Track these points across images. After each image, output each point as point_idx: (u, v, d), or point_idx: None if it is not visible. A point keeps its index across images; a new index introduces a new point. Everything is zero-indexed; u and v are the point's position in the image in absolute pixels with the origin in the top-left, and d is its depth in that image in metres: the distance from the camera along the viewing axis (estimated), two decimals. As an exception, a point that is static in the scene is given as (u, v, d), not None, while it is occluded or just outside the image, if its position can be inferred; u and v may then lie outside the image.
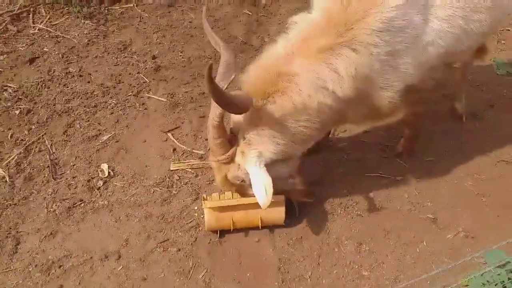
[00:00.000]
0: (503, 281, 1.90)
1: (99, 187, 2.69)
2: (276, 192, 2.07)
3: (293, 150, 2.10)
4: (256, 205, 2.06)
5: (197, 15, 4.07)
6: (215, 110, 1.99)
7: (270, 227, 2.44)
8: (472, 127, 2.98)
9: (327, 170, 2.75)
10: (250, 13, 4.11)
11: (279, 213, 2.35)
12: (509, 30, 3.79)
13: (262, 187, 1.96)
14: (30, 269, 2.30)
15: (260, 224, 2.38)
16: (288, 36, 2.00)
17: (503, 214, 2.46)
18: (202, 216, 2.46)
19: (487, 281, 1.93)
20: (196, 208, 2.57)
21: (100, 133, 3.01)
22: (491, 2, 2.07)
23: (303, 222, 2.46)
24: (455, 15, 1.99)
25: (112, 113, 3.15)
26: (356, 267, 2.29)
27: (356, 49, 1.86)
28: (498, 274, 1.93)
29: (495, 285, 1.91)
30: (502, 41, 3.69)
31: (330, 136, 2.85)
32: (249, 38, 3.85)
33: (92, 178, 2.73)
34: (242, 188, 2.23)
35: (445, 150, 2.82)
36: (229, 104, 1.83)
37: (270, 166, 2.04)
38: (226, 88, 1.92)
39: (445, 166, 2.73)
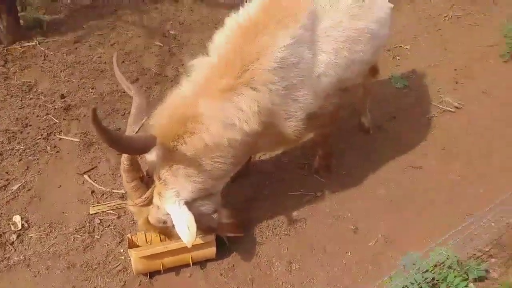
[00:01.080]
0: (419, 283, 2.06)
1: (13, 242, 2.48)
2: (202, 229, 2.05)
3: (211, 186, 2.12)
4: (185, 248, 2.03)
5: (105, 49, 3.98)
6: (124, 154, 1.96)
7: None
8: (379, 138, 3.23)
9: (252, 194, 2.80)
10: (161, 45, 4.10)
11: (209, 251, 2.35)
12: (401, 46, 4.20)
13: (184, 226, 1.95)
14: None
15: (191, 263, 2.35)
16: (191, 79, 2.04)
17: (415, 217, 2.68)
18: (129, 259, 2.36)
19: (405, 285, 2.07)
20: (122, 251, 2.47)
21: (9, 183, 2.79)
22: (372, 34, 2.29)
23: (233, 249, 2.47)
24: (339, 48, 2.18)
25: (20, 160, 2.94)
26: (289, 286, 2.34)
27: (255, 88, 1.96)
28: (414, 275, 2.09)
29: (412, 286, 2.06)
30: (397, 57, 4.08)
31: (251, 160, 2.92)
32: (163, 69, 3.84)
33: (4, 233, 2.52)
34: (166, 229, 2.19)
35: (357, 163, 3.02)
36: (123, 144, 1.80)
37: (191, 204, 2.03)
38: (137, 131, 1.89)
39: (359, 177, 2.92)
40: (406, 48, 4.19)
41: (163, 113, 2.01)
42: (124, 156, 1.94)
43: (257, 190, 2.82)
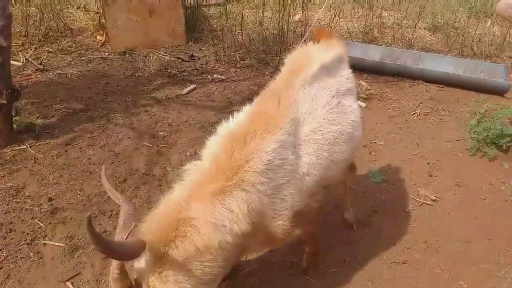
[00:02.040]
0: None
1: None
2: None
3: None
4: None
5: (95, 151, 4.11)
6: (113, 262, 1.97)
7: None
8: (363, 233, 3.30)
9: (240, 297, 2.75)
10: (150, 145, 4.27)
11: None
12: (376, 142, 4.48)
13: None
14: None
15: None
16: (183, 183, 2.15)
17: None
18: None
19: None
20: None
21: (-15, 295, 2.68)
22: (347, 136, 2.52)
23: None
24: (320, 149, 2.39)
25: (1, 268, 2.86)
26: None
27: (245, 189, 2.07)
28: None
29: None
30: (373, 153, 4.32)
31: (238, 261, 2.91)
32: (151, 169, 3.95)
33: None
34: None
35: (345, 259, 3.05)
36: (115, 250, 1.82)
37: None
38: (126, 238, 1.93)
39: (347, 275, 2.92)
40: (381, 144, 4.46)
41: (155, 218, 2.06)
42: (114, 265, 1.94)
43: (245, 292, 2.78)
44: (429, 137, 4.66)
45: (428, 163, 4.19)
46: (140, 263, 2.08)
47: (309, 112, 2.44)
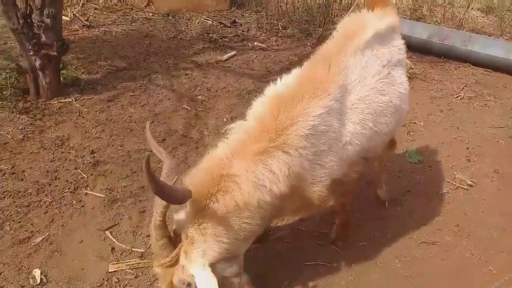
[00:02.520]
0: None
1: (31, 296, 2.52)
2: None
3: (236, 247, 2.18)
4: None
5: (136, 109, 4.23)
6: (157, 209, 2.06)
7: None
8: (395, 211, 3.29)
9: (268, 261, 2.83)
10: (189, 108, 4.35)
11: None
12: (415, 123, 4.38)
13: None
14: None
15: None
16: (227, 141, 2.20)
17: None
18: (144, 319, 2.38)
19: None
20: (137, 311, 2.49)
21: (32, 235, 2.87)
22: (394, 108, 2.48)
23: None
24: (365, 119, 2.37)
25: (46, 213, 3.05)
26: None
27: (287, 152, 2.10)
28: None
29: None
30: (411, 133, 4.24)
31: (269, 225, 2.98)
32: (189, 131, 4.04)
33: (22, 286, 2.55)
34: None
35: (374, 235, 3.07)
36: (166, 192, 1.88)
37: (215, 266, 2.08)
38: None
39: (375, 250, 2.95)
40: (420, 125, 4.36)
41: (198, 173, 2.13)
42: (157, 213, 2.03)
43: (273, 257, 2.86)
44: (471, 122, 4.51)
45: (467, 148, 4.08)
46: (180, 214, 2.17)
47: (358, 80, 2.41)
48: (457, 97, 4.96)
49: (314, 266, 2.81)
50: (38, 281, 2.59)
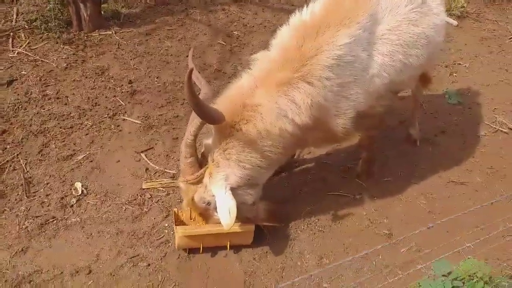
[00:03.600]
0: (447, 288, 2.07)
1: (72, 205, 2.76)
2: (240, 218, 2.20)
3: (258, 175, 2.25)
4: (226, 233, 2.18)
5: (173, 43, 4.29)
6: (189, 129, 2.16)
7: (238, 243, 2.57)
8: (426, 151, 3.23)
9: (292, 189, 2.91)
10: (224, 43, 4.35)
11: (246, 238, 2.50)
12: (460, 64, 4.15)
13: (226, 210, 2.10)
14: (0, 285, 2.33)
15: (228, 246, 2.51)
16: (251, 72, 2.21)
17: (451, 230, 2.66)
18: (172, 232, 2.57)
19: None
20: (166, 225, 2.67)
21: (75, 153, 3.10)
22: (427, 40, 2.35)
23: (268, 237, 2.60)
24: (395, 51, 2.26)
25: (87, 134, 3.26)
26: (317, 279, 2.42)
27: (311, 82, 2.08)
28: (443, 282, 2.10)
29: (440, 291, 2.08)
30: (454, 74, 4.03)
31: (295, 157, 3.04)
32: (223, 66, 4.07)
33: (66, 196, 2.81)
34: (207, 212, 2.35)
35: (400, 172, 3.05)
36: (202, 109, 1.96)
37: (235, 191, 2.18)
38: None
39: (400, 186, 2.95)
40: (465, 66, 4.13)
41: (223, 101, 2.19)
42: (190, 131, 2.14)
43: (297, 186, 2.93)
44: (523, 65, 4.21)
45: (514, 92, 3.85)
46: (209, 140, 2.29)
47: (389, 9, 2.30)
48: (510, 38, 4.61)
49: (336, 197, 2.87)
50: (80, 192, 2.83)
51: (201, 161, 2.31)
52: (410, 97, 3.29)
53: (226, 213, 2.11)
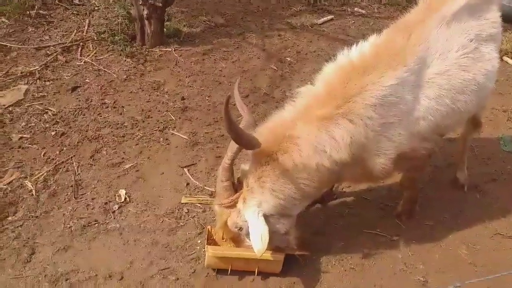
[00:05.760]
0: None
1: (114, 211, 2.90)
2: (270, 247, 2.21)
3: (291, 206, 2.26)
4: (256, 260, 2.20)
5: (227, 65, 4.43)
6: (228, 153, 2.23)
7: (266, 269, 2.57)
8: (473, 198, 3.08)
9: (327, 222, 2.88)
10: (276, 68, 4.44)
11: (276, 267, 2.50)
12: (520, 109, 3.94)
13: (258, 235, 2.12)
14: (39, 278, 2.47)
15: (256, 272, 2.52)
16: (294, 104, 2.25)
17: (492, 286, 2.50)
18: (204, 250, 2.61)
19: None
20: (199, 241, 2.73)
21: (123, 161, 3.27)
22: (477, 87, 2.28)
23: (297, 269, 2.57)
24: (442, 95, 2.22)
25: (137, 144, 3.43)
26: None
27: (352, 120, 2.09)
28: None
29: None
30: (512, 119, 3.84)
31: (334, 189, 3.01)
32: (272, 90, 4.15)
33: (109, 201, 2.95)
34: (239, 237, 2.38)
35: (444, 217, 2.92)
36: (237, 134, 2.02)
37: (268, 218, 2.20)
38: None
39: (442, 232, 2.82)
40: (525, 112, 3.92)
41: (264, 130, 2.24)
42: (228, 156, 2.21)
43: (333, 219, 2.90)
44: None
45: None
46: (246, 166, 2.34)
47: (439, 53, 2.27)
48: None
49: (373, 235, 2.80)
50: (123, 199, 2.97)
51: (237, 186, 2.36)
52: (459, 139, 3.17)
53: (258, 239, 2.14)
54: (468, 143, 3.10)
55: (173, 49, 4.56)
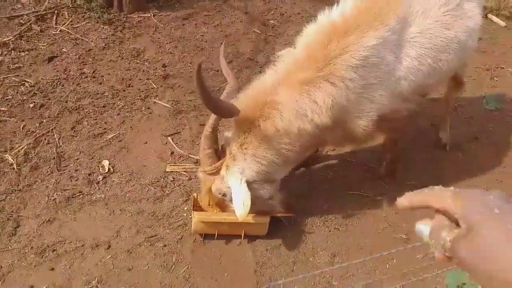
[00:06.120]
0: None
1: (99, 181, 2.88)
2: (254, 211, 2.24)
3: (274, 171, 2.27)
4: (241, 223, 2.23)
5: (209, 29, 4.32)
6: (209, 121, 2.21)
7: (252, 233, 2.60)
8: (455, 157, 3.12)
9: (312, 184, 2.91)
10: (259, 32, 4.34)
11: (261, 230, 2.53)
12: (503, 68, 3.94)
13: (240, 202, 2.14)
14: (26, 251, 2.48)
15: (242, 235, 2.56)
16: (274, 68, 2.20)
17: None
18: (190, 216, 2.63)
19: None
20: (185, 208, 2.74)
21: (105, 132, 3.22)
22: (459, 45, 2.25)
23: (283, 230, 2.62)
24: (424, 54, 2.19)
25: (118, 114, 3.37)
26: (328, 276, 2.43)
27: (333, 83, 2.06)
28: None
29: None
30: (495, 78, 3.84)
31: (318, 153, 3.02)
32: (255, 55, 4.07)
33: (93, 172, 2.93)
34: (223, 203, 2.40)
35: (426, 177, 2.96)
36: (212, 103, 1.99)
37: (251, 184, 2.21)
38: None
39: (424, 190, 2.87)
40: (508, 71, 3.92)
41: (245, 97, 2.21)
42: (209, 124, 2.19)
43: (317, 182, 2.92)
44: None
45: (561, 101, 3.63)
46: (229, 133, 2.32)
47: (421, 12, 2.22)
48: None
49: (357, 196, 2.84)
50: (106, 169, 2.95)
51: (221, 153, 2.35)
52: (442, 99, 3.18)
53: (240, 205, 2.15)
54: (451, 103, 3.11)
55: (152, 15, 4.42)
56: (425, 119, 3.31)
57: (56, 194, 2.77)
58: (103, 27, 4.16)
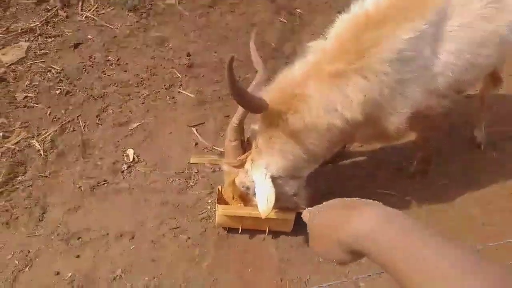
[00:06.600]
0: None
1: (123, 171, 2.87)
2: (278, 207, 2.19)
3: (301, 167, 2.19)
4: (266, 218, 2.18)
5: (234, 17, 4.24)
6: (237, 113, 2.15)
7: (277, 229, 2.56)
8: (490, 157, 3.00)
9: (340, 182, 2.83)
10: (285, 21, 4.24)
11: (286, 226, 2.48)
12: (542, 64, 3.76)
13: (264, 197, 2.07)
14: (52, 237, 2.50)
15: (267, 231, 2.51)
16: (304, 60, 2.10)
17: (503, 245, 2.48)
18: (214, 209, 2.60)
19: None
20: (209, 201, 2.71)
21: (130, 120, 3.20)
22: (499, 40, 2.13)
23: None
24: (463, 49, 2.07)
25: (143, 103, 3.34)
26: (354, 277, 2.37)
27: (366, 77, 1.95)
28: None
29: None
30: (535, 76, 3.66)
31: (347, 149, 2.94)
32: (281, 45, 3.98)
33: (118, 161, 2.92)
34: (246, 196, 2.35)
35: (458, 176, 2.86)
36: (242, 96, 1.91)
37: (276, 180, 2.14)
38: None
39: (456, 191, 2.77)
40: (549, 67, 3.73)
41: (273, 89, 2.12)
42: (236, 116, 2.13)
43: (345, 179, 2.85)
44: None
45: None
46: (255, 125, 2.25)
47: (462, 4, 2.09)
48: None
49: (386, 195, 2.75)
50: (131, 159, 2.93)
51: (246, 146, 2.29)
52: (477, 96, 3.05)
53: (264, 200, 2.09)
54: (485, 100, 2.96)
55: (177, 2, 4.35)
56: (459, 117, 3.18)
57: (81, 182, 2.78)
58: (128, 14, 4.12)
